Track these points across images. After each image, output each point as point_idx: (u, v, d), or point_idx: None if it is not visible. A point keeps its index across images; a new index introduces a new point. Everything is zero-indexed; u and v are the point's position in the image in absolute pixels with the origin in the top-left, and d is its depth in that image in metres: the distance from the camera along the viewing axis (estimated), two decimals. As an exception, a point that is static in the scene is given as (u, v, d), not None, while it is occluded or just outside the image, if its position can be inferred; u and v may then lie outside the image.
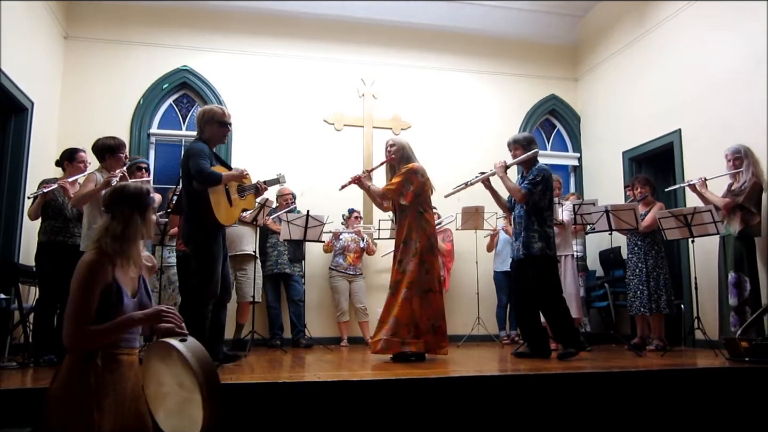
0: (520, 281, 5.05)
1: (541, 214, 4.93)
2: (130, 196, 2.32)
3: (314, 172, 7.31)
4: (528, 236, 4.88)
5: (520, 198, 4.92)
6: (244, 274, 6.27)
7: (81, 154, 4.91)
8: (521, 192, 4.91)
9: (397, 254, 4.71)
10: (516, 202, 5.07)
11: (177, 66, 7.25)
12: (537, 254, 4.85)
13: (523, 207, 4.97)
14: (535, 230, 4.88)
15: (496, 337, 7.03)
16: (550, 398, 3.47)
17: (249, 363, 4.50)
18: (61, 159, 4.95)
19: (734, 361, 4.32)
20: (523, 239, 4.90)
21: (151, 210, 2.36)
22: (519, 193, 4.92)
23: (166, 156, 7.33)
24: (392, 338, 4.47)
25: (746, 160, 5.23)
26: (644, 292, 5.78)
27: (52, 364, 4.25)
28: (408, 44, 7.93)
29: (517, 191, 4.93)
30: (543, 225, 4.91)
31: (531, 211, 4.92)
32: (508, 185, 5.01)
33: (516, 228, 5.06)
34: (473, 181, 5.22)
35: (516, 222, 5.06)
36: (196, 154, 4.11)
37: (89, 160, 4.95)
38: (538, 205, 4.92)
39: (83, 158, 4.90)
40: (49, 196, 4.73)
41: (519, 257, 4.99)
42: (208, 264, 4.09)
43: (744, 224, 5.14)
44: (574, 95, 8.42)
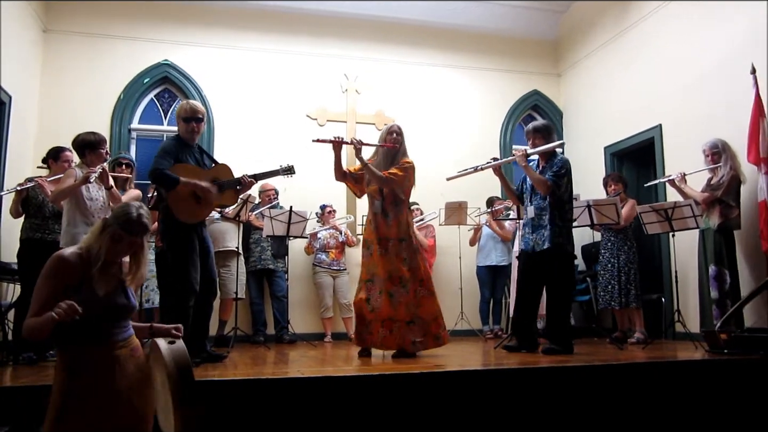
0: (529, 273, 4.89)
1: (563, 207, 4.79)
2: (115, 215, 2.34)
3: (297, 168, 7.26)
4: (552, 230, 4.71)
5: (546, 190, 4.74)
6: (228, 271, 6.24)
7: (67, 153, 4.83)
8: (547, 184, 4.73)
9: (399, 250, 4.56)
10: (534, 194, 4.91)
11: (158, 60, 7.18)
12: (559, 249, 4.72)
13: (544, 199, 4.80)
14: (558, 225, 4.73)
15: (479, 331, 7.06)
16: (533, 392, 3.50)
17: (232, 359, 4.48)
18: (46, 157, 4.89)
19: (714, 353, 4.38)
20: (548, 233, 4.72)
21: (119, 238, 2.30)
22: (545, 186, 4.73)
23: (147, 151, 7.24)
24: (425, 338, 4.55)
25: (724, 154, 5.28)
26: (615, 286, 5.86)
27: (31, 363, 4.20)
28: (391, 39, 7.92)
29: (543, 183, 4.74)
30: (564, 219, 4.78)
31: (554, 204, 4.76)
32: (533, 176, 4.81)
33: (536, 219, 4.85)
34: (484, 166, 5.00)
35: (535, 213, 4.85)
36: (158, 153, 4.12)
37: (74, 160, 4.88)
38: (561, 198, 4.77)
39: (68, 158, 4.82)
40: (23, 194, 4.69)
41: (538, 249, 4.79)
42: (182, 261, 4.05)
43: (723, 218, 5.20)
44: (557, 91, 8.46)
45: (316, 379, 3.27)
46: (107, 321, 2.24)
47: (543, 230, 4.78)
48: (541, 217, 4.82)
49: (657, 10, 6.65)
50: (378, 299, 4.51)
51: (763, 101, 5.12)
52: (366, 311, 4.55)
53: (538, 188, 4.82)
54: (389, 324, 4.50)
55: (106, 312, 2.22)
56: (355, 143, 4.69)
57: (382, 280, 4.52)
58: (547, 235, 4.74)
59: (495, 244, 7.07)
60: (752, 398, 3.80)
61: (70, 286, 2.18)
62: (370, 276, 4.60)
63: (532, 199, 4.94)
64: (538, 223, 4.84)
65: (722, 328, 4.57)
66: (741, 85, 5.35)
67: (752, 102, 5.14)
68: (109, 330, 2.24)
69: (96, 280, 2.22)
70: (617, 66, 7.29)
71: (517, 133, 8.27)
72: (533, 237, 4.87)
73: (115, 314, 2.27)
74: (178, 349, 2.11)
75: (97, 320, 2.20)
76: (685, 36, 6.26)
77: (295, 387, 3.20)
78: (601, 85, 7.60)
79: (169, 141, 4.26)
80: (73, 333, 2.17)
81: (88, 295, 2.18)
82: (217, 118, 7.20)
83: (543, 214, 4.80)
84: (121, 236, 2.27)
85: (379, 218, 4.64)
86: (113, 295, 2.27)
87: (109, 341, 2.24)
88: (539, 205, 4.85)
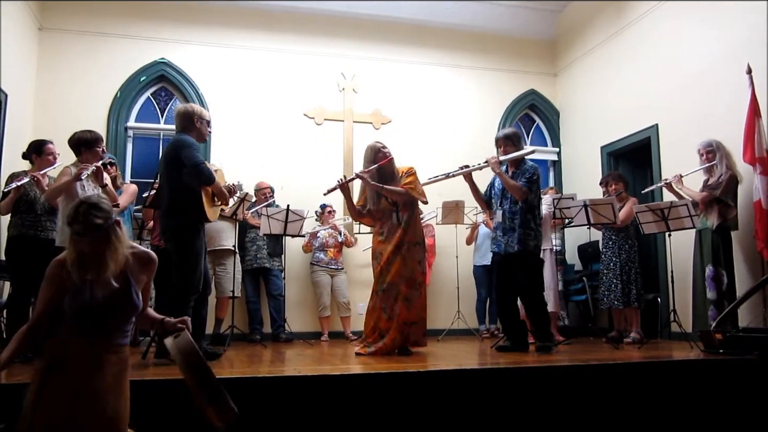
0: (504, 275, 5.03)
1: (534, 211, 4.95)
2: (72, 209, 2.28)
3: (294, 166, 7.29)
4: (525, 233, 4.86)
5: (522, 196, 4.86)
6: (224, 269, 6.23)
7: (49, 146, 4.74)
8: (523, 190, 4.87)
9: (415, 254, 4.69)
10: (504, 198, 5.04)
11: (155, 58, 7.16)
12: (532, 252, 4.89)
13: (515, 203, 4.93)
14: (531, 228, 4.88)
15: (475, 331, 7.06)
16: (529, 391, 3.50)
17: (228, 358, 4.48)
18: (28, 151, 4.78)
19: (709, 353, 4.39)
20: (519, 235, 4.86)
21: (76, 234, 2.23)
22: (521, 192, 4.86)
23: (143, 150, 7.25)
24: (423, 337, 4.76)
25: (719, 153, 5.29)
26: (618, 286, 5.86)
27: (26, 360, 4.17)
28: (388, 38, 7.92)
29: (519, 190, 4.86)
30: (536, 223, 4.94)
31: (526, 209, 4.91)
32: (509, 183, 4.92)
33: (504, 223, 5.00)
34: (455, 173, 5.19)
35: (506, 217, 4.99)
36: (190, 146, 4.11)
37: (58, 152, 4.79)
38: (532, 203, 4.93)
39: (51, 150, 4.73)
40: (22, 189, 4.62)
41: (508, 252, 4.94)
42: (191, 259, 4.06)
43: (722, 218, 5.20)
44: (553, 90, 8.47)
45: (312, 377, 3.27)
46: (106, 319, 2.21)
47: (513, 233, 4.92)
48: (512, 220, 4.96)
49: (653, 10, 6.66)
50: (395, 306, 4.60)
51: (758, 101, 5.13)
52: (384, 321, 4.62)
53: (513, 194, 4.94)
54: (405, 327, 4.61)
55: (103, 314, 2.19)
56: (360, 176, 4.78)
57: (397, 286, 4.60)
58: (517, 238, 4.89)
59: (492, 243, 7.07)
60: (747, 398, 3.81)
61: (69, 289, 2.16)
62: (380, 285, 4.67)
63: (502, 203, 5.07)
64: (510, 226, 4.98)
65: (717, 328, 4.58)
66: (737, 85, 5.36)
67: (748, 102, 5.15)
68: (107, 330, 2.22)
69: (97, 281, 2.20)
70: (614, 65, 7.30)
71: (520, 133, 8.29)
72: (504, 239, 5.00)
73: (114, 315, 2.24)
74: (183, 341, 2.11)
75: (96, 318, 2.18)
76: (681, 36, 6.27)
77: (292, 386, 3.20)
78: (597, 85, 7.61)
79: (190, 139, 4.22)
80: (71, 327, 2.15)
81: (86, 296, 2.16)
82: (214, 116, 7.14)
83: (514, 217, 4.94)
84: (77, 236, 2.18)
85: (396, 227, 4.71)
86: (112, 298, 2.22)
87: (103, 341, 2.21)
88: (511, 209, 4.99)
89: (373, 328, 4.69)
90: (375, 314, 4.69)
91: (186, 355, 2.07)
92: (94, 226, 2.17)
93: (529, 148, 5.11)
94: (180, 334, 2.16)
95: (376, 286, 4.73)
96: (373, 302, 4.74)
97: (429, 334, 6.51)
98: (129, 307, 2.26)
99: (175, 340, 2.13)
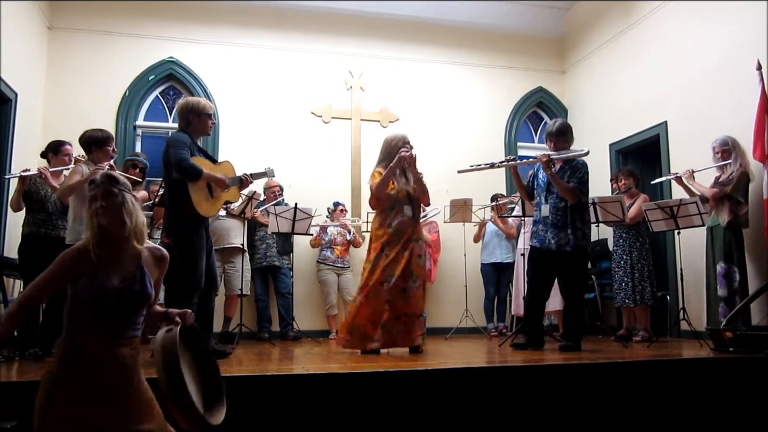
0: (541, 271, 4.90)
1: (584, 210, 4.87)
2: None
3: (302, 165, 7.30)
4: (576, 234, 4.76)
5: (575, 199, 4.76)
6: (233, 267, 6.25)
7: (67, 147, 4.86)
8: (576, 193, 4.76)
9: (417, 248, 4.70)
10: (549, 193, 4.90)
11: (163, 57, 7.19)
12: (582, 251, 4.82)
13: (561, 199, 4.82)
14: (580, 228, 4.79)
15: (483, 329, 7.05)
16: (537, 389, 3.49)
17: (237, 356, 4.49)
18: (46, 150, 4.90)
19: (719, 352, 4.36)
20: (572, 236, 4.75)
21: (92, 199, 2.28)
22: (574, 195, 4.75)
23: (152, 148, 7.23)
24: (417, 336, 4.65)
25: (734, 152, 5.25)
26: (629, 284, 5.83)
27: (37, 358, 4.22)
28: (396, 36, 7.91)
29: (572, 192, 4.75)
30: (584, 222, 4.84)
31: (576, 208, 4.81)
32: (561, 185, 4.78)
33: (553, 219, 4.84)
34: (501, 163, 5.18)
35: (552, 213, 4.85)
36: (174, 144, 4.11)
37: (74, 154, 4.90)
38: (582, 201, 4.84)
39: (68, 151, 4.85)
40: (27, 183, 4.69)
41: (553, 249, 4.80)
42: (190, 256, 4.07)
43: (732, 214, 5.17)
44: (561, 88, 8.44)
45: (320, 375, 3.27)
46: (121, 310, 2.22)
47: (563, 232, 4.78)
48: (558, 216, 4.82)
49: (661, 7, 6.62)
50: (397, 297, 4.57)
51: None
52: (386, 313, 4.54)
53: (566, 197, 4.79)
54: (404, 318, 4.57)
55: (119, 299, 2.20)
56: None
57: (396, 278, 4.59)
58: (571, 239, 4.76)
59: (499, 241, 7.06)
60: (758, 397, 3.79)
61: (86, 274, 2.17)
62: (386, 278, 4.60)
63: (547, 197, 4.92)
64: (554, 222, 4.83)
65: (728, 325, 4.55)
66: (746, 82, 5.32)
67: (758, 98, 5.11)
68: (120, 321, 2.22)
69: (111, 267, 2.21)
70: (622, 63, 7.27)
71: (522, 130, 8.27)
72: (548, 236, 4.84)
73: (130, 302, 2.23)
74: (169, 336, 2.11)
75: (111, 308, 2.19)
76: (690, 32, 6.23)
77: (300, 383, 3.21)
78: (605, 82, 7.58)
79: (181, 134, 4.24)
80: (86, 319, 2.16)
81: (103, 283, 2.17)
82: (222, 114, 7.20)
83: (561, 214, 4.81)
84: (94, 195, 2.25)
85: (407, 220, 4.71)
86: (129, 283, 2.23)
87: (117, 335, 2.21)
88: (556, 204, 4.85)
89: (373, 322, 4.56)
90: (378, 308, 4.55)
91: (164, 351, 2.06)
92: (112, 179, 2.27)
93: (584, 149, 4.92)
94: (172, 329, 2.16)
95: (380, 277, 4.59)
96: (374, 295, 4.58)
97: (437, 333, 6.59)
98: (143, 295, 2.27)
99: (165, 333, 2.13)
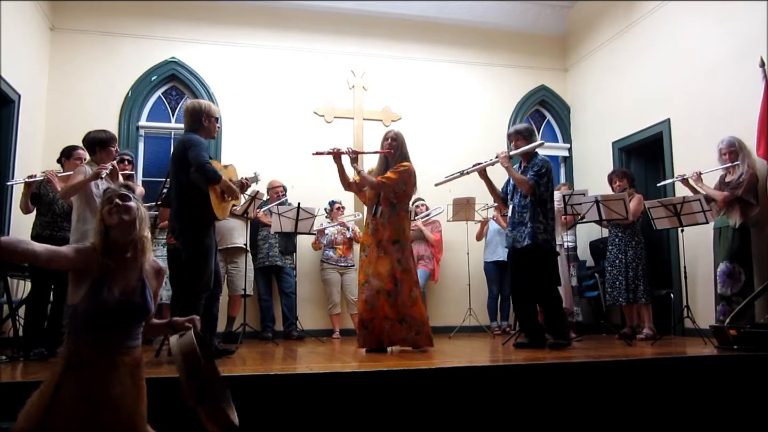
0: (519, 271, 5.02)
1: (545, 205, 4.93)
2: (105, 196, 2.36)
3: (304, 164, 7.28)
4: (534, 227, 4.84)
5: (527, 189, 4.88)
6: (236, 267, 6.26)
7: (79, 151, 4.89)
8: (529, 183, 4.88)
9: (392, 251, 4.68)
10: (515, 192, 5.06)
11: (165, 58, 7.19)
12: (541, 245, 4.85)
13: (525, 197, 4.93)
14: (541, 221, 4.86)
15: (487, 327, 7.05)
16: (541, 388, 3.49)
17: (241, 355, 4.50)
18: (61, 155, 4.95)
19: (723, 349, 4.36)
20: (529, 230, 4.84)
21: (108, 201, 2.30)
22: (527, 185, 4.88)
23: (155, 149, 7.29)
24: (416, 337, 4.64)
25: (741, 153, 5.24)
26: (622, 282, 5.87)
27: (42, 358, 4.23)
28: (398, 35, 7.90)
29: (525, 183, 4.89)
30: (546, 217, 4.91)
31: (536, 203, 4.90)
32: (516, 176, 4.97)
33: (515, 218, 5.00)
34: (469, 170, 5.19)
35: (516, 212, 5.00)
36: (197, 145, 4.11)
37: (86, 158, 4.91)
38: (542, 197, 4.92)
39: (80, 155, 4.87)
40: (33, 188, 4.72)
41: (520, 247, 4.92)
42: (201, 257, 4.08)
43: (744, 217, 5.16)
44: (564, 86, 8.43)
45: (324, 374, 3.28)
46: (120, 322, 2.22)
47: (523, 227, 4.91)
48: (522, 214, 4.96)
49: (664, 5, 6.61)
50: (376, 298, 4.62)
51: (772, 95, 5.08)
52: (366, 312, 4.66)
53: (520, 187, 4.97)
54: (386, 322, 4.62)
55: (119, 312, 2.21)
56: (348, 153, 4.89)
57: (379, 281, 4.63)
58: (527, 232, 4.87)
59: (502, 239, 7.00)
60: (762, 394, 3.78)
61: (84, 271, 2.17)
62: (365, 278, 4.72)
63: (513, 197, 5.09)
64: (519, 220, 4.98)
65: (732, 324, 4.53)
66: (749, 79, 5.32)
67: (761, 95, 5.10)
68: (120, 332, 2.23)
69: (113, 277, 2.21)
70: (625, 60, 7.25)
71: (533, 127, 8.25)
72: (513, 234, 5.01)
73: (129, 315, 2.24)
74: (185, 341, 2.12)
75: (111, 320, 2.19)
76: (692, 29, 6.22)
77: (304, 383, 3.21)
78: (608, 80, 7.56)
79: (198, 137, 4.24)
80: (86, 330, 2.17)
81: (104, 293, 2.18)
82: (225, 115, 7.18)
83: (524, 211, 4.94)
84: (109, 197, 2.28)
85: (377, 221, 4.78)
86: (130, 295, 2.24)
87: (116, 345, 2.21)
88: (520, 203, 5.00)
89: (361, 321, 4.74)
90: (360, 306, 4.76)
91: (185, 355, 2.08)
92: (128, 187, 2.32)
93: (538, 141, 5.12)
94: (185, 333, 2.17)
95: (361, 278, 4.78)
96: (359, 294, 4.79)
97: (441, 332, 6.57)
98: (144, 308, 2.28)
99: (179, 339, 2.15)
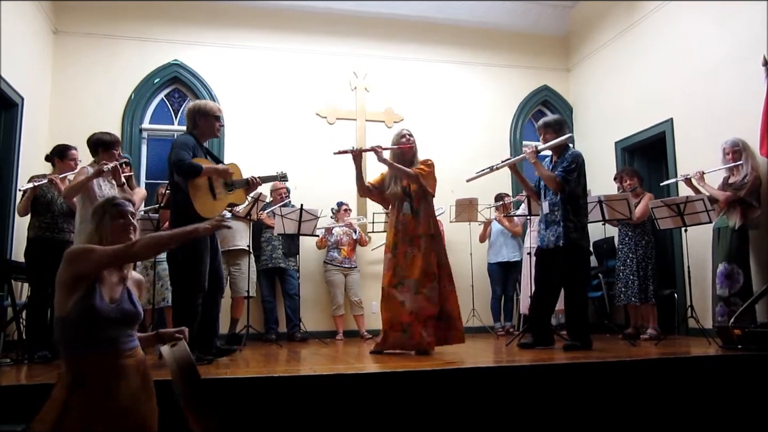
0: (545, 271, 4.87)
1: (577, 202, 4.75)
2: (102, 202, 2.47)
3: (307, 166, 7.30)
4: (566, 226, 4.67)
5: (555, 186, 4.71)
6: (238, 269, 6.26)
7: (73, 152, 4.86)
8: (556, 180, 4.69)
9: (430, 246, 4.56)
10: (547, 189, 4.88)
11: (168, 60, 7.21)
12: (574, 245, 4.68)
13: (556, 194, 4.78)
14: (571, 220, 4.69)
15: (491, 328, 7.04)
16: (545, 388, 3.48)
17: (244, 357, 4.50)
18: (51, 154, 4.90)
19: (727, 349, 4.35)
20: (562, 229, 4.69)
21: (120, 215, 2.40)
22: (554, 182, 4.70)
23: (158, 151, 7.29)
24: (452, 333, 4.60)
25: (744, 153, 5.23)
26: (635, 282, 5.83)
27: (46, 361, 4.23)
28: (400, 36, 7.91)
29: (552, 179, 4.71)
30: (578, 215, 4.73)
31: (567, 200, 4.72)
32: (543, 172, 4.79)
33: (550, 215, 4.83)
34: (499, 165, 5.02)
35: (549, 209, 4.83)
36: (177, 146, 4.14)
37: (81, 158, 4.90)
38: (573, 193, 4.73)
39: (74, 156, 4.85)
40: (38, 190, 4.69)
41: (551, 246, 4.77)
42: (192, 258, 4.07)
43: (744, 219, 5.15)
44: (566, 86, 8.42)
45: (328, 376, 3.27)
46: (116, 328, 2.23)
47: (556, 227, 4.75)
48: (554, 212, 4.79)
49: (665, 4, 6.60)
50: (416, 300, 4.45)
51: (774, 94, 5.07)
52: (404, 314, 4.46)
53: (547, 184, 4.81)
54: (431, 322, 4.47)
55: (114, 318, 2.21)
56: (376, 149, 4.70)
57: (415, 281, 4.47)
58: (560, 232, 4.70)
59: (505, 240, 7.05)
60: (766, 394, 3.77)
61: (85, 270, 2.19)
62: (399, 279, 4.53)
63: (546, 194, 4.92)
64: (551, 219, 4.81)
65: (736, 324, 4.52)
66: (752, 78, 5.30)
67: (764, 94, 5.09)
68: (116, 338, 2.23)
69: (103, 285, 2.23)
70: (627, 60, 7.24)
71: (527, 128, 8.24)
72: (546, 233, 4.84)
73: (123, 321, 2.26)
74: (180, 349, 2.12)
75: (106, 327, 2.20)
76: (695, 29, 6.20)
77: (308, 385, 3.21)
78: (611, 80, 7.55)
79: (186, 137, 4.27)
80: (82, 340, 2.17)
81: (98, 300, 2.18)
82: (227, 116, 7.14)
83: (555, 209, 4.78)
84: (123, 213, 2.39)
85: (408, 218, 4.62)
86: (120, 302, 2.27)
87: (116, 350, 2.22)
88: (552, 200, 4.83)
89: (390, 323, 4.53)
90: (392, 309, 4.51)
91: (181, 365, 2.08)
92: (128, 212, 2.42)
93: (567, 135, 4.89)
94: (177, 343, 2.18)
95: (392, 280, 4.55)
96: (389, 296, 4.55)
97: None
98: (136, 312, 2.33)
99: (171, 348, 2.15)
